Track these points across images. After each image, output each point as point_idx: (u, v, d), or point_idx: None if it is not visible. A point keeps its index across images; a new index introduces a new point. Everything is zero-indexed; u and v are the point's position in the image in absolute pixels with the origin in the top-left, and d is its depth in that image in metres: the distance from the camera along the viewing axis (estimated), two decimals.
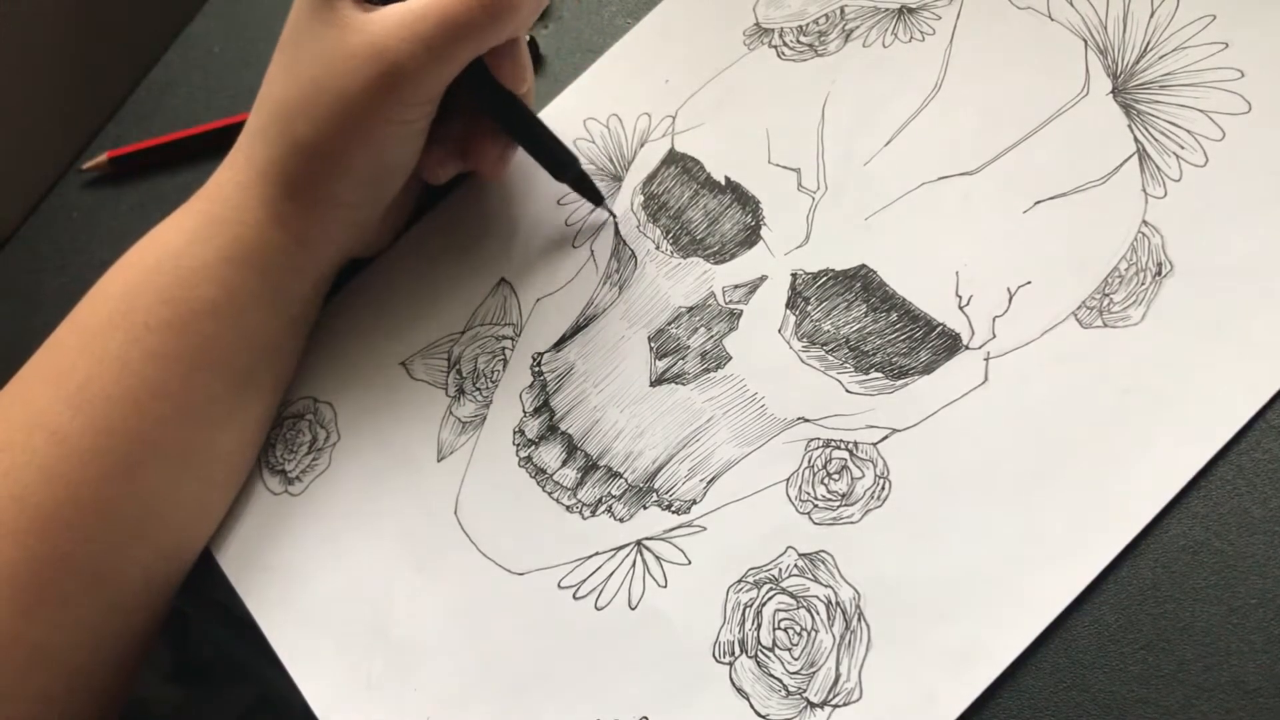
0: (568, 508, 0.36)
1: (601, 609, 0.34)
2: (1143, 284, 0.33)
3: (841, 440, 0.34)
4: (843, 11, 0.40)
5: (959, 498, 0.32)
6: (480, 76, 0.36)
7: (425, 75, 0.34)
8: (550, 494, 0.36)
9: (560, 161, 0.39)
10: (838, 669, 0.32)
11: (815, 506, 0.34)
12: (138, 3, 0.54)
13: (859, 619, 0.32)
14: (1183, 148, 0.34)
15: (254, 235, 0.37)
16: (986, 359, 0.34)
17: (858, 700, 0.31)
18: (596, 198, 0.39)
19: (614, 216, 0.39)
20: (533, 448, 0.37)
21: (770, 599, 0.33)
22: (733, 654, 0.33)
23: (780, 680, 0.32)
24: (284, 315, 0.39)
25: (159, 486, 0.37)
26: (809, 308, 0.36)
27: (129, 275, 0.37)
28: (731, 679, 0.32)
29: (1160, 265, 0.33)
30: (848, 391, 0.35)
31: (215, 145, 0.48)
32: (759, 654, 0.32)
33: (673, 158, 0.40)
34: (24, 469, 0.34)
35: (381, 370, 0.40)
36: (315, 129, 0.35)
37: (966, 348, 0.34)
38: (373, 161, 0.36)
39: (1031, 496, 0.32)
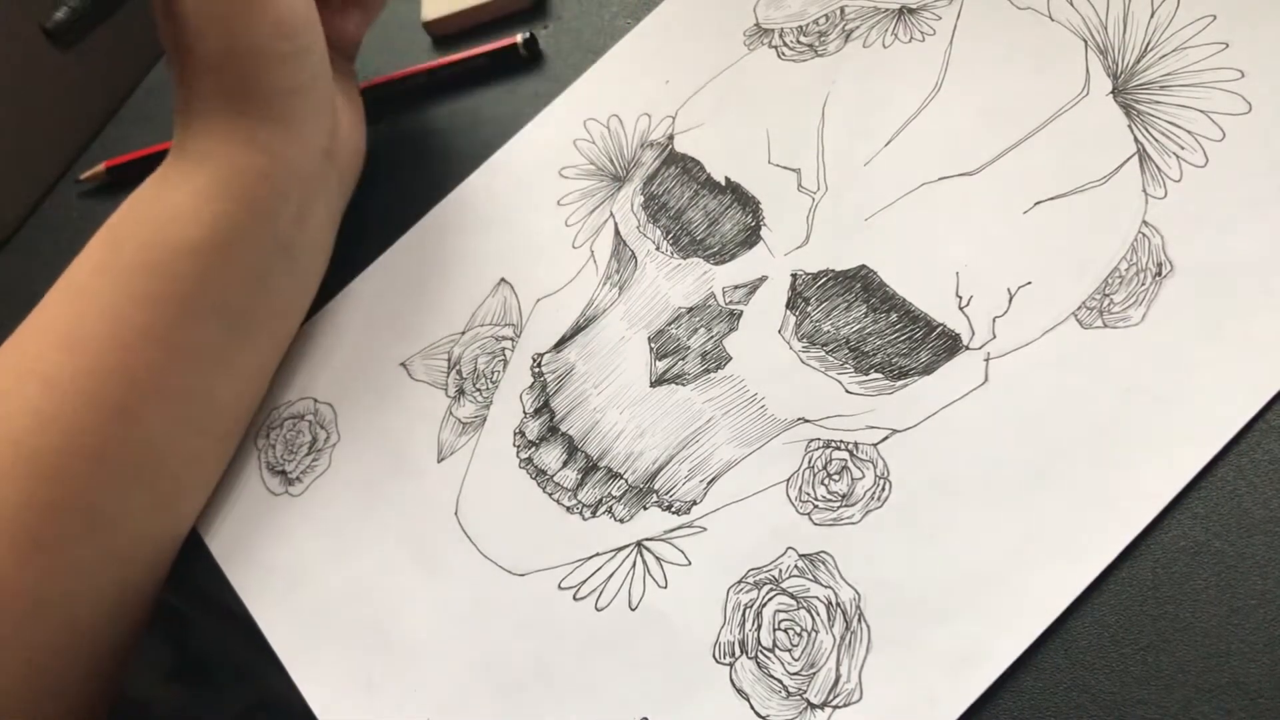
0: (568, 509, 0.36)
1: (602, 610, 0.34)
2: (1143, 284, 0.33)
3: (842, 441, 0.34)
4: (843, 12, 0.40)
5: (959, 498, 0.32)
6: None
7: None
8: (551, 495, 0.36)
9: None
10: (838, 670, 0.32)
11: (815, 507, 0.34)
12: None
13: (859, 620, 0.32)
14: (1183, 148, 0.34)
15: (224, 165, 0.37)
16: (987, 359, 0.34)
17: (858, 701, 0.31)
18: None
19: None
20: (533, 449, 0.37)
21: (770, 600, 0.33)
22: (733, 655, 0.33)
23: (780, 681, 0.32)
24: (273, 244, 0.38)
25: (155, 432, 0.37)
26: (809, 308, 0.36)
27: (112, 226, 0.38)
28: (732, 680, 0.32)
29: (1160, 266, 0.33)
30: (848, 392, 0.35)
31: None
32: (759, 655, 0.32)
33: (673, 158, 0.40)
34: (18, 415, 0.35)
35: (381, 371, 0.40)
36: (223, 29, 0.35)
37: (967, 348, 0.34)
38: (281, 25, 0.36)
39: (1031, 497, 0.32)
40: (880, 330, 0.35)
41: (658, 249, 0.38)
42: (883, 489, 0.33)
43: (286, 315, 0.40)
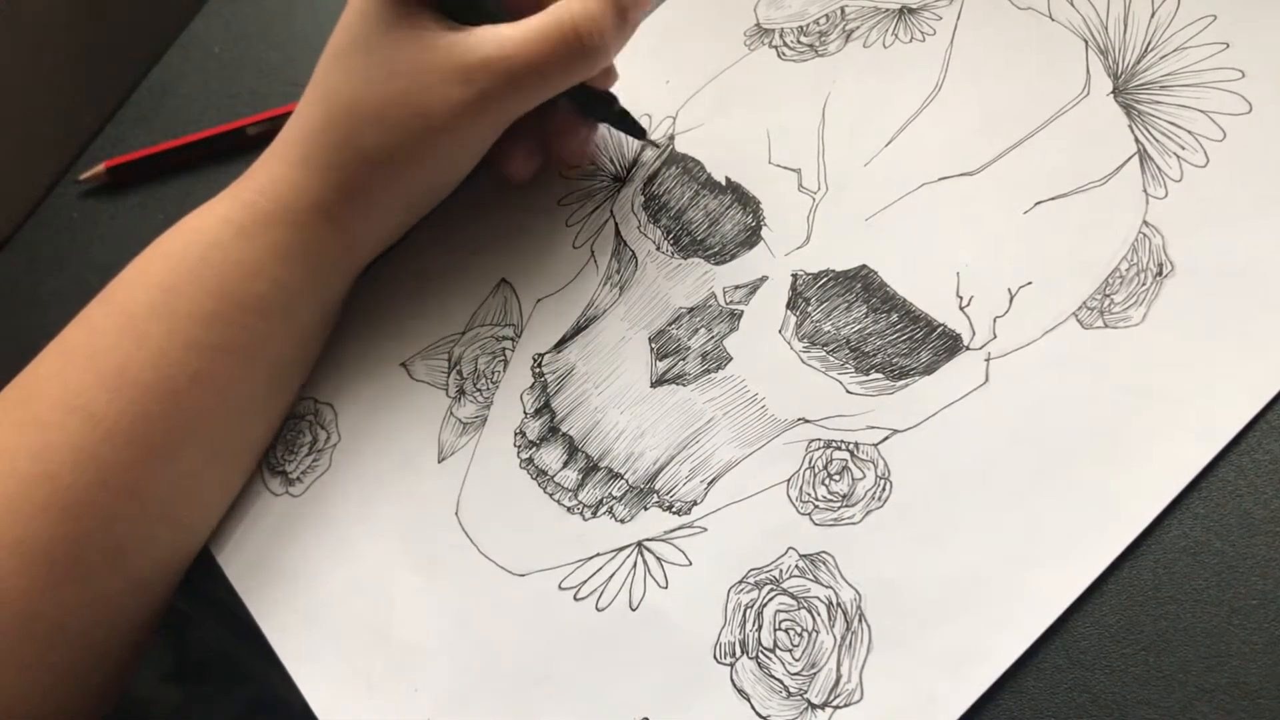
0: (569, 509, 0.36)
1: (602, 610, 0.34)
2: (1143, 284, 0.33)
3: (842, 441, 0.34)
4: (843, 12, 0.40)
5: (960, 498, 0.32)
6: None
7: (511, 107, 0.35)
8: (551, 495, 0.36)
9: (639, 130, 0.40)
10: (839, 670, 0.32)
11: (816, 507, 0.34)
12: (138, 3, 0.54)
13: (860, 620, 0.32)
14: (1183, 148, 0.34)
15: (306, 235, 0.37)
16: (987, 359, 0.34)
17: (859, 701, 0.31)
18: (639, 133, 0.40)
19: (657, 147, 0.40)
20: (534, 449, 0.37)
21: (771, 600, 0.33)
22: (734, 655, 0.33)
23: (781, 681, 0.32)
24: (323, 310, 0.39)
25: (191, 472, 0.37)
26: (810, 308, 0.36)
27: (172, 264, 0.37)
28: (732, 680, 0.32)
29: (1161, 266, 0.33)
30: (848, 392, 0.35)
31: (214, 151, 0.48)
32: (760, 655, 0.32)
33: (673, 158, 0.40)
34: (57, 449, 0.34)
35: (382, 371, 0.40)
36: (389, 140, 0.35)
37: (967, 348, 0.34)
38: (440, 172, 0.38)
39: (1032, 497, 0.32)
40: (881, 330, 0.35)
41: (658, 249, 0.38)
42: (883, 489, 0.33)
43: (314, 360, 0.41)
